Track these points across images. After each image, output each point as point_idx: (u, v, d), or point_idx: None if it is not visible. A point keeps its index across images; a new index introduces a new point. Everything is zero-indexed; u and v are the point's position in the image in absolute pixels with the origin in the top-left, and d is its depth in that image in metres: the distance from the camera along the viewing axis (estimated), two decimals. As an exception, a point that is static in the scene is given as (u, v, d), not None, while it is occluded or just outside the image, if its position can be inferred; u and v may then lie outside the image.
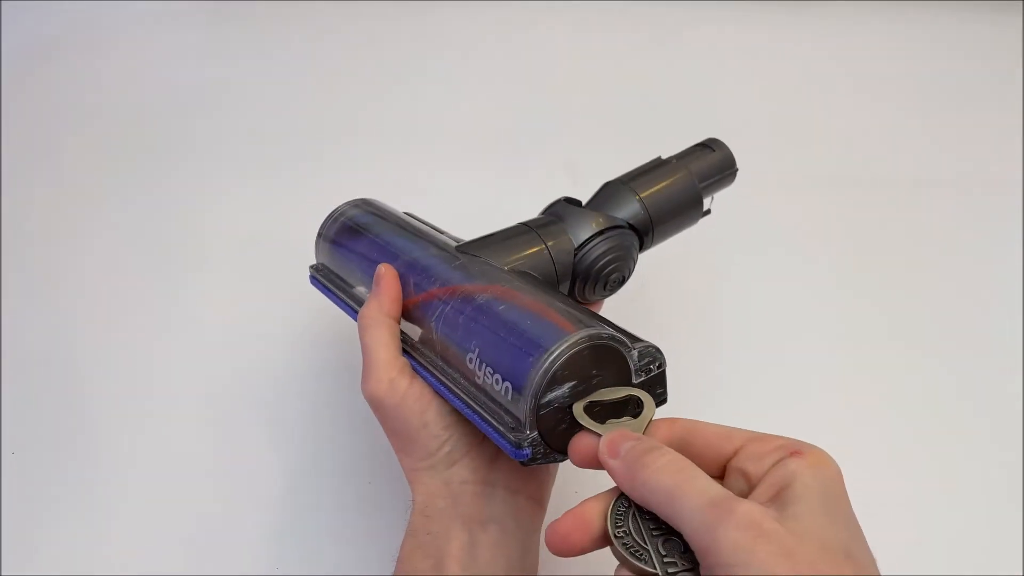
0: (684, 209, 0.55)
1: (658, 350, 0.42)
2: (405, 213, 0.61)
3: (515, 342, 0.41)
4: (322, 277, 0.60)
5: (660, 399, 0.42)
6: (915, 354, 0.75)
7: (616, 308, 0.57)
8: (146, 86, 1.08)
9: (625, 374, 0.41)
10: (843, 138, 1.01)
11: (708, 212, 0.58)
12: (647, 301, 0.77)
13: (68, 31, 1.15)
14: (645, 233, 0.54)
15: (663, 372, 0.42)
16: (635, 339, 0.41)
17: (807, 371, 0.73)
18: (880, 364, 0.74)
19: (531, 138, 0.99)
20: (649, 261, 0.76)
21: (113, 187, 0.92)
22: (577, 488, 0.61)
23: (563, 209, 0.54)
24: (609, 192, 0.55)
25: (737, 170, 0.58)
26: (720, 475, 0.37)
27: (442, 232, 0.56)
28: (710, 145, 0.58)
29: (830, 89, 1.08)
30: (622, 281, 0.55)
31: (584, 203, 0.56)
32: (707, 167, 0.56)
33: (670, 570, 0.34)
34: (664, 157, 0.57)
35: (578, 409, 0.39)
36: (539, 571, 0.48)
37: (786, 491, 0.33)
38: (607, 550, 0.37)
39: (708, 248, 0.82)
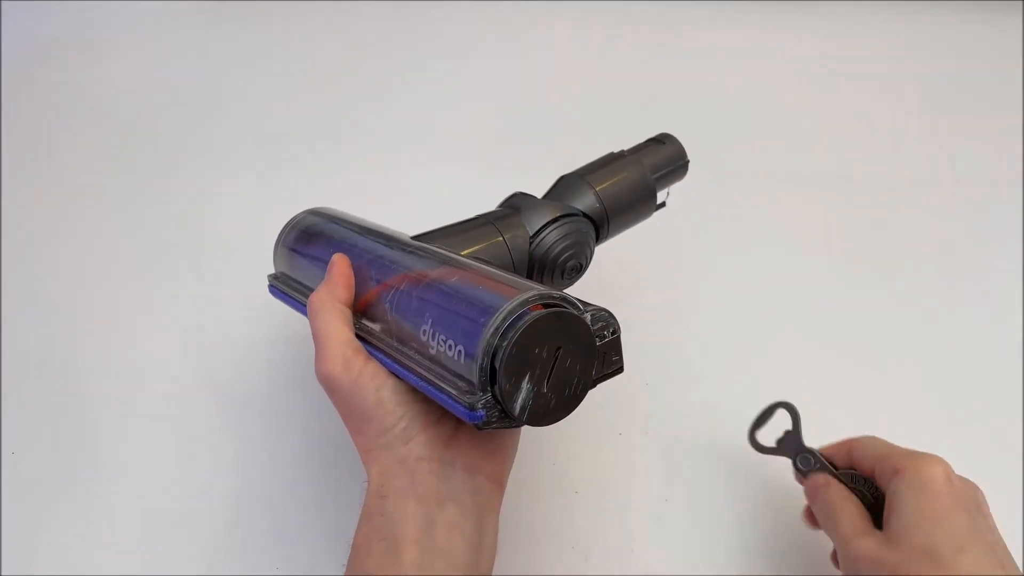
0: (638, 200, 0.59)
1: (611, 314, 0.43)
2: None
3: (466, 308, 0.43)
4: (281, 284, 0.61)
5: (616, 366, 0.44)
6: (914, 354, 0.76)
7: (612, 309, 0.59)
8: (146, 86, 1.11)
9: (586, 339, 0.42)
10: (843, 138, 1.03)
11: (663, 205, 0.62)
12: (639, 299, 0.79)
13: (68, 31, 1.18)
14: (601, 224, 0.58)
15: (618, 337, 0.43)
16: (586, 304, 0.42)
17: (804, 371, 0.74)
18: (878, 364, 0.75)
19: (530, 139, 1.01)
20: (643, 259, 0.77)
21: (113, 187, 0.95)
22: (578, 488, 0.64)
23: (520, 201, 0.57)
24: (564, 185, 0.58)
25: (688, 162, 0.61)
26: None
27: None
28: (662, 139, 0.61)
29: (830, 89, 1.10)
30: (579, 269, 0.58)
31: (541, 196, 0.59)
32: (659, 160, 0.60)
33: None
34: (616, 151, 0.61)
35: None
36: (511, 564, 0.50)
37: (891, 508, 0.49)
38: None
39: (708, 246, 0.85)
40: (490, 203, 0.61)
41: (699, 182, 0.67)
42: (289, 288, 0.60)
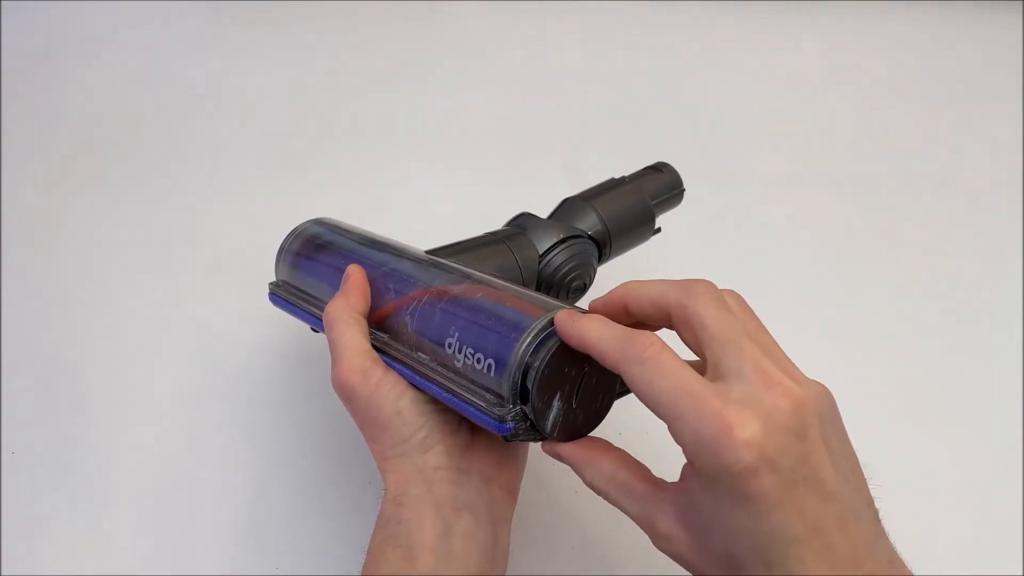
0: (639, 224, 0.63)
1: None
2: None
3: (496, 323, 0.44)
4: (283, 292, 0.62)
5: None
6: (915, 353, 0.78)
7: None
8: (146, 86, 1.12)
9: None
10: (843, 138, 1.06)
11: (659, 230, 0.66)
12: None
13: (67, 31, 1.19)
14: (604, 245, 0.62)
15: None
16: None
17: (805, 371, 0.75)
18: (879, 364, 0.77)
19: (530, 140, 1.04)
20: (645, 260, 0.79)
21: (113, 187, 0.96)
22: (577, 488, 0.66)
23: (526, 221, 0.61)
24: (568, 207, 0.63)
25: (684, 190, 0.66)
26: None
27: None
28: (660, 168, 0.66)
29: (830, 89, 1.13)
30: (583, 288, 0.62)
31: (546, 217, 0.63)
32: (658, 187, 0.65)
33: None
34: (616, 177, 0.65)
35: None
36: (512, 565, 0.50)
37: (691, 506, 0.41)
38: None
39: (709, 246, 0.88)
40: (486, 207, 0.63)
41: (699, 183, 0.70)
42: (291, 296, 0.61)
